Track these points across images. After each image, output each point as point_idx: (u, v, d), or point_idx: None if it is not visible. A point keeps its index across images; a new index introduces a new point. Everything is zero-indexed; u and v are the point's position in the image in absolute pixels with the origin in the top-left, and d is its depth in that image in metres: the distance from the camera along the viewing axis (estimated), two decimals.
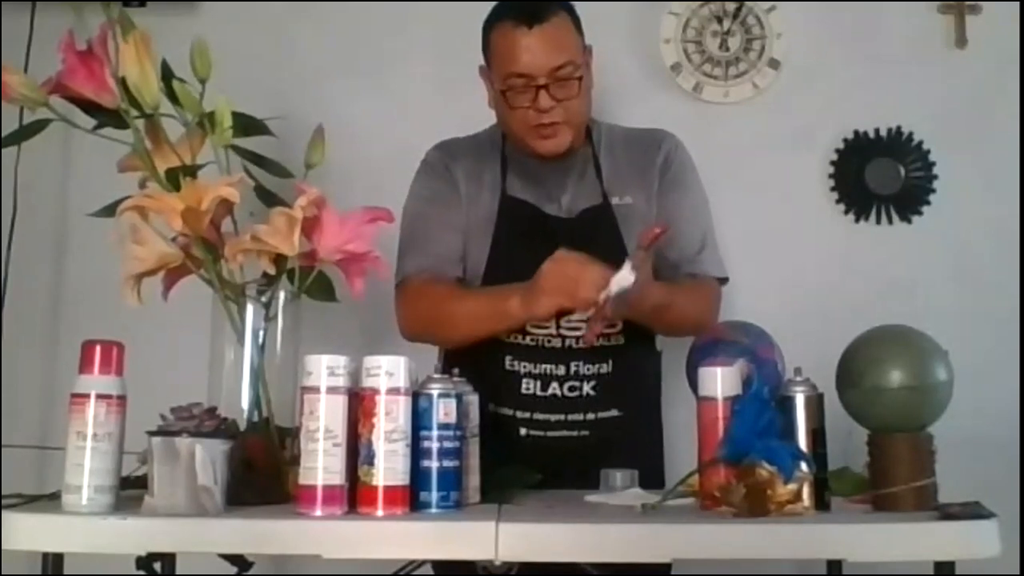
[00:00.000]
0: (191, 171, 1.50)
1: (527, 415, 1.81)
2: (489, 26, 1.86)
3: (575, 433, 1.82)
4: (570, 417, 1.82)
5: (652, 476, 1.71)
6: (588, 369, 1.83)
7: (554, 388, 1.82)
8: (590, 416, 1.83)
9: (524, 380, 1.82)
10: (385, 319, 1.94)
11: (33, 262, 2.44)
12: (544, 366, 1.82)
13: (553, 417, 1.82)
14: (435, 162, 1.95)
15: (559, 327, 1.81)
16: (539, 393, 1.82)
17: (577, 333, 1.80)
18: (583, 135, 1.92)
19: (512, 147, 1.92)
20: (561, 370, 1.82)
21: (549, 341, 1.82)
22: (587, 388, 1.82)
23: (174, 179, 1.48)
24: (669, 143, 1.95)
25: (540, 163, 1.89)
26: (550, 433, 1.82)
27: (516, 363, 1.82)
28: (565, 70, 1.79)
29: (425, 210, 1.90)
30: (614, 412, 1.84)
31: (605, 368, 1.83)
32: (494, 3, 1.89)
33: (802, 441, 1.41)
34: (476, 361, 1.74)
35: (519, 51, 1.78)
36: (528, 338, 1.82)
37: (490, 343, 1.81)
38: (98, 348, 1.33)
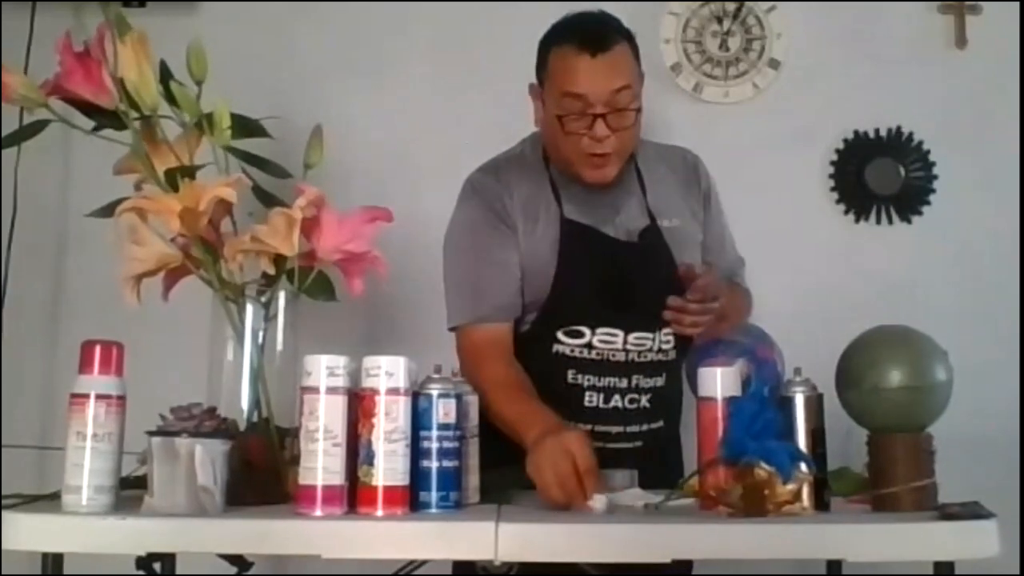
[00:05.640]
0: (189, 172, 1.50)
1: (588, 427, 1.78)
2: (547, 46, 1.83)
3: (631, 444, 1.83)
4: (628, 429, 1.83)
5: (677, 480, 1.71)
6: (647, 383, 1.84)
7: (616, 400, 1.83)
8: (644, 427, 1.85)
9: (587, 393, 1.82)
10: (385, 319, 1.94)
11: (33, 262, 2.44)
12: (608, 379, 1.82)
13: (614, 429, 1.82)
14: (487, 192, 1.87)
15: (626, 342, 1.81)
16: (602, 405, 1.82)
17: (642, 348, 1.82)
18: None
19: (556, 169, 1.89)
20: (624, 383, 1.83)
21: (614, 355, 1.82)
22: (644, 400, 1.84)
23: (172, 180, 1.48)
24: (704, 168, 2.00)
25: (588, 187, 1.88)
26: (609, 445, 1.80)
27: (579, 376, 1.82)
28: (623, 99, 1.76)
29: (479, 248, 1.84)
30: (660, 423, 1.87)
31: (660, 381, 1.85)
32: (495, 3, 1.88)
33: (802, 441, 1.41)
34: (539, 375, 1.76)
35: (580, 76, 1.75)
36: (594, 352, 1.82)
37: (553, 357, 1.81)
38: (98, 348, 1.33)
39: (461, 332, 1.83)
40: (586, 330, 1.81)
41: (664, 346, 1.84)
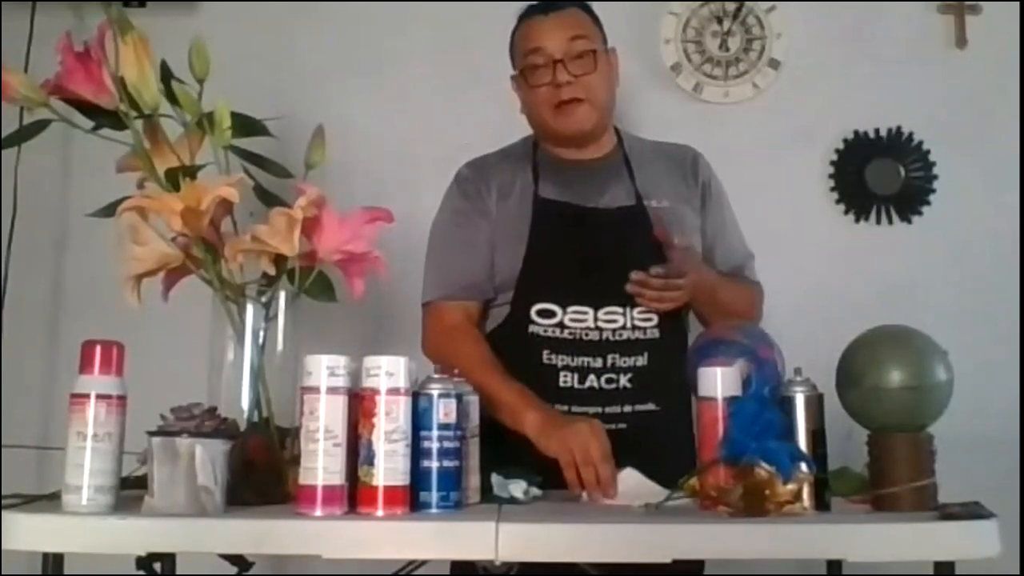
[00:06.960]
0: (190, 171, 1.50)
1: (565, 408, 1.79)
2: (513, 34, 1.99)
3: (613, 426, 1.79)
4: (607, 410, 1.81)
5: (686, 473, 1.70)
6: (625, 362, 1.84)
7: (591, 381, 1.83)
8: (627, 409, 1.83)
9: (562, 373, 1.83)
10: (385, 319, 1.94)
11: (33, 262, 2.44)
12: (582, 359, 1.83)
13: (591, 410, 1.80)
14: (466, 182, 1.97)
15: (597, 319, 1.83)
16: (577, 386, 1.83)
17: (614, 325, 1.83)
18: (610, 127, 2.00)
19: (545, 153, 1.97)
20: (598, 363, 1.83)
21: (587, 334, 1.84)
22: (624, 381, 1.83)
23: (173, 179, 1.48)
24: (704, 160, 2.04)
25: (574, 167, 1.94)
26: None
27: (554, 356, 1.83)
28: (579, 46, 1.90)
29: (451, 233, 1.95)
30: (651, 406, 1.84)
31: (641, 361, 1.84)
32: (495, 3, 1.89)
33: (802, 441, 1.41)
34: (513, 356, 1.79)
35: (537, 32, 1.93)
36: (566, 331, 1.84)
37: (527, 338, 1.84)
38: (98, 348, 1.33)
39: (431, 307, 1.92)
40: (557, 309, 1.84)
41: (641, 323, 1.84)
